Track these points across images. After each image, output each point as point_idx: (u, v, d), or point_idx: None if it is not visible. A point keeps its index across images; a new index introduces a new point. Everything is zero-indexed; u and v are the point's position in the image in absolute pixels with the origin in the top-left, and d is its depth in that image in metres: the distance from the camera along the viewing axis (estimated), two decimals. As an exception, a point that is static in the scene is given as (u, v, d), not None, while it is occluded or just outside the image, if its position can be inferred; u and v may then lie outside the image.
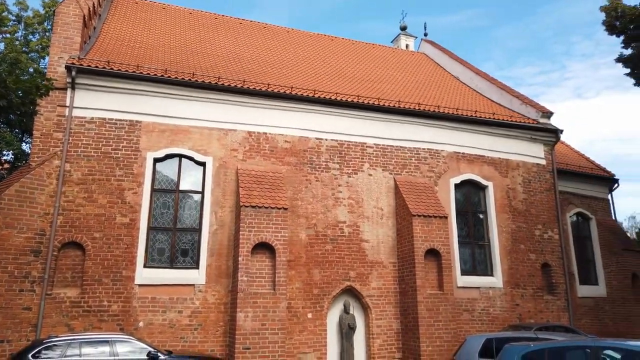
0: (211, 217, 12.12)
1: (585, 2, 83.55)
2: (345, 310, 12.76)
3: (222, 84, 12.84)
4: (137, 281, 11.18)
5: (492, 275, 14.64)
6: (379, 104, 14.41)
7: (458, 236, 14.61)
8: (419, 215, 13.13)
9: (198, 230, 12.06)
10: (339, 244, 13.09)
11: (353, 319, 12.72)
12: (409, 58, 22.72)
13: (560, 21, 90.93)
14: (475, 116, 15.61)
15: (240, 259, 11.02)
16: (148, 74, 12.25)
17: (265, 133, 13.23)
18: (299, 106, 13.63)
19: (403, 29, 26.32)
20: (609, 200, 19.91)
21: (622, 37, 17.72)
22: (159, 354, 8.71)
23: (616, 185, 20.05)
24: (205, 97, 12.82)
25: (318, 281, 12.55)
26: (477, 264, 14.85)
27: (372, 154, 14.25)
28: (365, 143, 14.26)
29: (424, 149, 14.89)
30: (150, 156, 12.05)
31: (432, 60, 22.85)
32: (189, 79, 12.59)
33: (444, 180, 14.86)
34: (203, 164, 12.50)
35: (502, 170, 15.77)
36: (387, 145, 14.48)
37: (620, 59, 18.23)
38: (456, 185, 15.07)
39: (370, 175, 14.04)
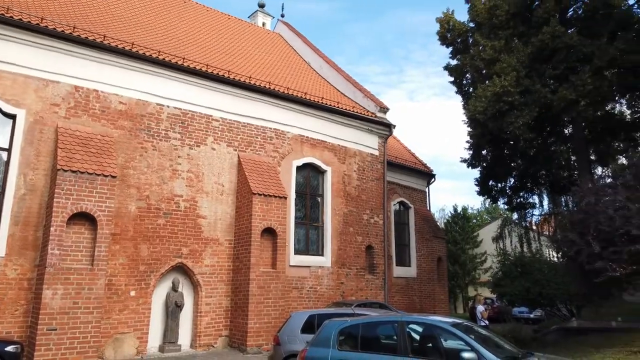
0: (19, 180, 10.37)
1: (424, 14, 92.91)
2: (174, 288, 12.18)
3: (46, 27, 11.00)
4: None
5: (322, 255, 15.41)
6: (228, 77, 13.93)
7: (295, 217, 15.02)
8: (260, 194, 13.11)
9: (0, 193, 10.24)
10: (173, 218, 12.37)
11: (181, 296, 12.21)
12: (264, 36, 22.47)
13: (403, 28, 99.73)
14: (322, 103, 16.13)
15: (52, 229, 9.64)
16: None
17: (97, 90, 11.76)
18: (140, 66, 12.42)
19: (261, 6, 25.92)
20: (426, 192, 22.54)
21: (450, 48, 20.07)
22: None
23: (433, 179, 22.81)
24: (24, 39, 10.84)
25: (146, 257, 11.71)
26: (310, 244, 15.49)
27: (218, 127, 13.74)
28: (212, 116, 13.67)
29: (270, 128, 14.87)
30: (-62, 99, 9.79)
31: (287, 42, 22.96)
32: (4, 14, 10.50)
33: (287, 161, 15.07)
34: (13, 117, 10.60)
35: (341, 156, 16.62)
36: (234, 121, 14.11)
37: (447, 68, 20.63)
38: (298, 168, 15.43)
39: (214, 149, 13.54)
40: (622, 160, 21.85)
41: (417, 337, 6.16)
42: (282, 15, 25.32)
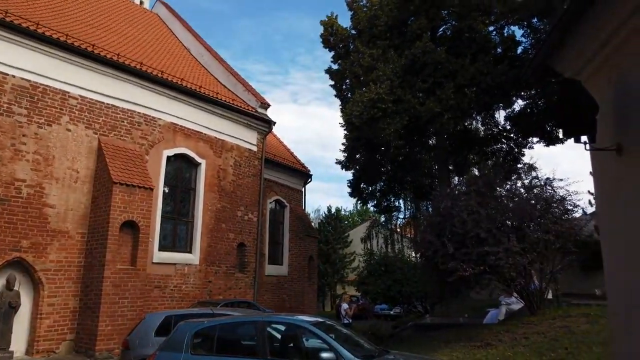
0: None
1: (312, 19, 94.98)
2: (8, 286, 10.51)
3: None
4: None
5: (190, 252, 14.59)
6: (92, 51, 12.49)
7: (163, 211, 14.01)
8: (121, 184, 11.93)
9: None
10: (11, 206, 10.67)
11: (17, 296, 10.57)
12: (141, 15, 20.77)
13: (291, 30, 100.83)
14: (200, 91, 15.32)
15: None
16: None
17: None
18: (-21, 25, 10.53)
19: (139, -19, 23.95)
20: (302, 192, 22.74)
21: (333, 52, 20.52)
22: None
23: (310, 180, 23.10)
24: None
25: (-28, 250, 9.92)
26: (178, 240, 14.58)
27: (76, 106, 12.22)
28: (69, 92, 12.12)
29: (139, 113, 13.67)
30: None
31: (165, 24, 21.52)
32: None
33: (156, 150, 13.99)
34: None
35: (217, 150, 15.94)
36: (97, 101, 12.68)
37: (329, 71, 21.08)
38: (169, 158, 14.43)
39: (70, 130, 12.01)
40: (475, 171, 24.29)
41: (278, 337, 5.95)
42: (162, -5, 23.68)
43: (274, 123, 17.93)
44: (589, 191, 14.53)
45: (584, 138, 3.00)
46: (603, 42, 3.08)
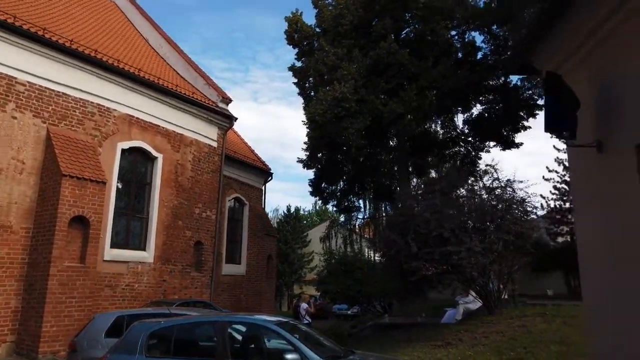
0: None
1: (274, 18, 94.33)
2: (-59, 284, 9.68)
3: None
4: None
5: (144, 249, 13.99)
6: (42, 35, 11.72)
7: (116, 206, 13.36)
8: (72, 177, 11.24)
9: None
10: (-53, 197, 9.85)
11: (-49, 295, 9.76)
12: (97, 1, 19.82)
13: (253, 28, 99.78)
14: (158, 82, 14.73)
15: None
16: None
17: None
18: None
19: (96, -33, 22.87)
20: (262, 190, 22.38)
21: (297, 50, 20.32)
22: None
23: (270, 178, 22.77)
24: None
25: None
26: (131, 237, 13.95)
27: (23, 93, 11.43)
28: (16, 78, 11.31)
29: (93, 103, 12.97)
30: None
31: (122, 12, 20.62)
32: None
33: (110, 142, 13.32)
34: None
35: (175, 144, 15.39)
36: (46, 88, 11.91)
37: (292, 69, 20.86)
38: (124, 151, 13.77)
39: (15, 118, 11.21)
40: (433, 173, 24.73)
41: (239, 337, 5.69)
42: (119, -18, 22.69)
43: (235, 119, 17.53)
44: (541, 195, 15.08)
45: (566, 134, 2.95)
46: (583, 38, 3.05)
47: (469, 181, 10.11)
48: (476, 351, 7.48)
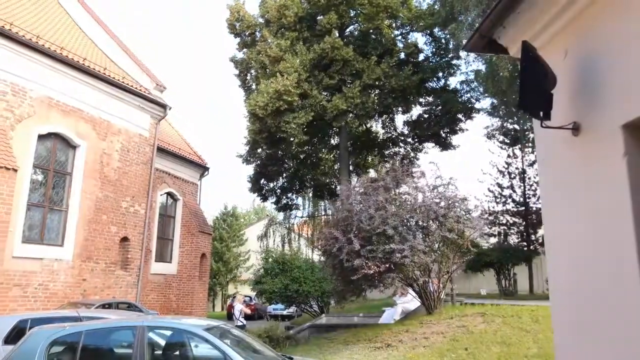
0: None
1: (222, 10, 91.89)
2: None
3: None
4: None
5: (62, 245, 12.69)
6: (-57, -1, 10.25)
7: (30, 197, 12.00)
8: (-25, 162, 9.91)
9: None
10: None
11: None
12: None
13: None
14: (83, 64, 13.46)
15: None
16: None
17: None
18: None
19: None
20: (198, 185, 21.32)
21: (238, 40, 19.52)
22: None
23: (207, 173, 21.73)
24: None
25: None
26: (48, 231, 12.60)
27: None
28: None
29: (5, 81, 11.56)
30: None
31: (47, -13, 18.84)
32: None
33: (25, 126, 11.93)
34: None
35: (102, 132, 14.14)
36: (-53, 60, 10.45)
37: (233, 60, 20.04)
38: (41, 137, 12.42)
39: None
40: (372, 173, 24.80)
41: (162, 344, 5.00)
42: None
43: (170, 108, 16.46)
44: (475, 197, 15.34)
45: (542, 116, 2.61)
46: (561, 7, 2.73)
47: (414, 178, 9.88)
48: (417, 353, 7.25)
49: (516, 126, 21.51)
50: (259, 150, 20.10)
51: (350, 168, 23.13)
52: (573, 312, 2.73)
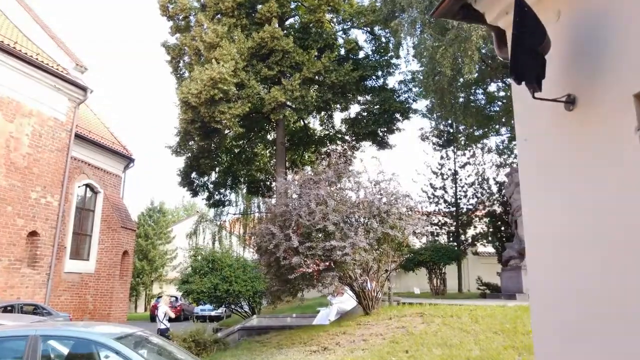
0: None
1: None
2: None
3: None
4: None
5: (-46, 240, 11.07)
6: None
7: None
8: None
9: None
10: None
11: None
12: None
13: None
14: (-12, 34, 11.85)
15: None
16: None
17: None
18: None
19: None
20: (121, 178, 19.77)
21: (171, 23, 18.30)
22: None
23: (132, 164, 20.22)
24: None
25: None
26: (-64, 224, 10.93)
27: None
28: None
29: None
30: None
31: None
32: None
33: None
34: None
35: (10, 113, 12.54)
36: None
37: (165, 45, 18.79)
38: None
39: None
40: (308, 170, 24.35)
41: (62, 357, 4.16)
42: None
43: (92, 91, 15.00)
44: (409, 196, 15.34)
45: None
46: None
47: (355, 173, 9.50)
48: (356, 356, 6.83)
49: (449, 129, 22.05)
50: (191, 142, 18.95)
51: (287, 165, 22.57)
52: (557, 313, 2.36)
